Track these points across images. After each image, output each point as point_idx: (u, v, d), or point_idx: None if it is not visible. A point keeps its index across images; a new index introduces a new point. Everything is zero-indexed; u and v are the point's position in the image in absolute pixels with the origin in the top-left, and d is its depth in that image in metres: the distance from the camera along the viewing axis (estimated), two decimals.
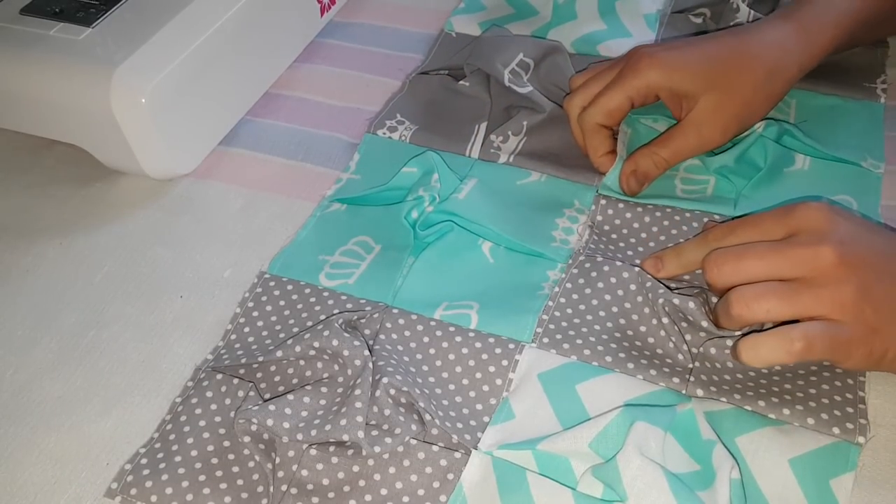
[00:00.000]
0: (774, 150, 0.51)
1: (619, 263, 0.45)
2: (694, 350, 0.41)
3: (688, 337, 0.42)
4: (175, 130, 0.52)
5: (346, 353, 0.40)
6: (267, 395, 0.41)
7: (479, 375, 0.41)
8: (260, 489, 0.38)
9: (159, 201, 0.53)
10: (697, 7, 0.62)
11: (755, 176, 0.50)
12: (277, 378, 0.42)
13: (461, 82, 0.58)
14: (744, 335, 0.38)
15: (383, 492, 0.37)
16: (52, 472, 0.39)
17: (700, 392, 0.40)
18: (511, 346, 0.42)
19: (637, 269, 0.44)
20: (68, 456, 0.40)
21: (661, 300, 0.42)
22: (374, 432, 0.39)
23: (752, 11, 0.58)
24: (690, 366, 0.41)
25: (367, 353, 0.40)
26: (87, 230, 0.51)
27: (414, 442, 0.39)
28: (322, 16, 0.64)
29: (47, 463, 0.39)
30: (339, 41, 0.65)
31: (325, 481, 0.38)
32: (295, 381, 0.42)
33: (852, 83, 0.56)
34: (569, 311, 0.44)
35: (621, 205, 0.49)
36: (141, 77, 0.49)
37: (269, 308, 0.45)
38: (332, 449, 0.39)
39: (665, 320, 0.42)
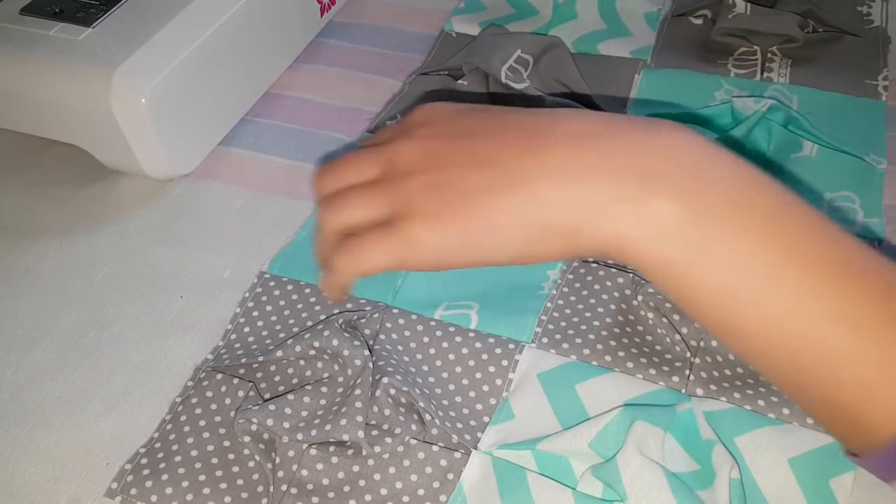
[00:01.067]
0: (780, 134, 0.51)
1: (613, 269, 0.45)
2: (693, 343, 0.41)
3: (684, 330, 0.42)
4: (175, 130, 0.52)
5: (345, 352, 0.40)
6: (267, 395, 0.41)
7: (478, 375, 0.41)
8: (260, 489, 0.38)
9: (159, 201, 0.53)
10: (698, 9, 0.62)
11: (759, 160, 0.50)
12: (277, 378, 0.42)
13: (459, 81, 0.58)
14: None
15: (383, 492, 0.37)
16: (52, 472, 0.39)
17: (700, 391, 0.40)
18: (511, 346, 0.42)
19: (631, 274, 0.44)
20: (68, 456, 0.40)
21: (650, 290, 0.42)
22: (374, 432, 0.39)
23: (749, 4, 0.59)
24: (688, 355, 0.41)
25: (366, 352, 0.40)
26: (87, 230, 0.51)
27: (414, 442, 0.39)
28: (322, 16, 0.64)
29: (47, 463, 0.39)
30: (339, 41, 0.65)
31: (325, 481, 0.38)
32: (295, 380, 0.42)
33: (854, 80, 0.56)
34: (568, 311, 0.44)
35: None
36: (141, 77, 0.49)
37: (269, 308, 0.45)
38: (331, 449, 0.39)
39: (663, 320, 0.42)
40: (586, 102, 0.55)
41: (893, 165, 0.50)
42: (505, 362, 0.42)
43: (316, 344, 0.41)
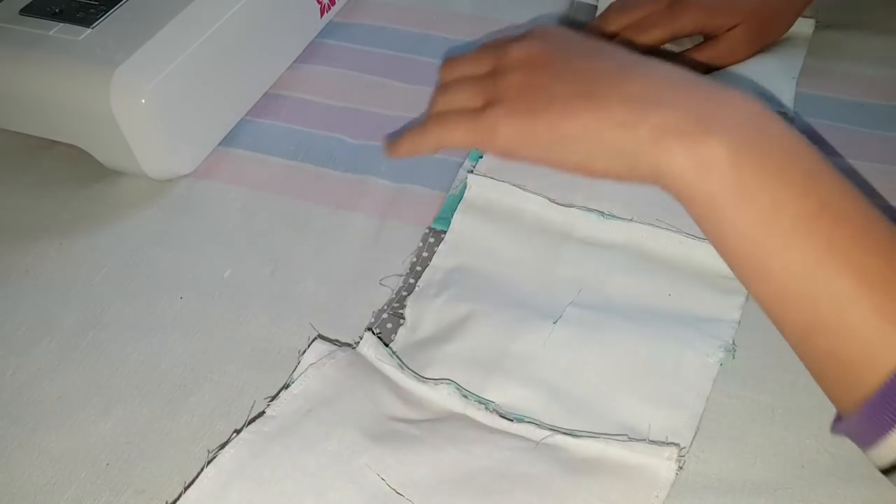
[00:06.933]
0: None
1: None
2: None
3: None
4: (175, 130, 0.52)
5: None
6: None
7: None
8: None
9: (159, 201, 0.53)
10: None
11: None
12: None
13: None
14: None
15: None
16: (52, 472, 0.39)
17: None
18: None
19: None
20: (68, 456, 0.39)
21: None
22: None
23: None
24: None
25: None
26: (87, 230, 0.51)
27: None
28: (322, 16, 0.64)
29: (47, 463, 0.39)
30: (339, 41, 0.64)
31: None
32: None
33: None
34: None
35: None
36: (141, 77, 0.49)
37: None
38: None
39: None
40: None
41: (892, 166, 0.50)
42: None
43: None
